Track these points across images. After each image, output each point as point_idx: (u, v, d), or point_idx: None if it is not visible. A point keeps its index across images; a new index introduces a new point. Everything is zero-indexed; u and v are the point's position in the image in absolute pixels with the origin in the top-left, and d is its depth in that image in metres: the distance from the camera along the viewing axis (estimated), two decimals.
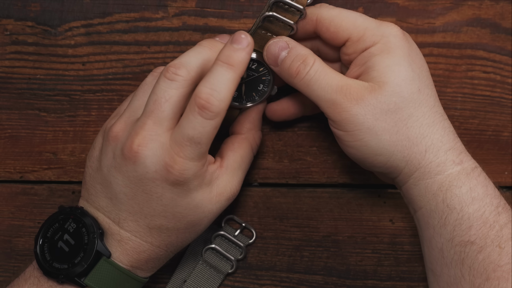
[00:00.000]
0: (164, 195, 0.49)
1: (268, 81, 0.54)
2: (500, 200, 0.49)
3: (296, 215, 0.60)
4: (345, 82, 0.49)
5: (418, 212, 0.51)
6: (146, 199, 0.49)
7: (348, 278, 0.61)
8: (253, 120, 0.56)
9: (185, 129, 0.47)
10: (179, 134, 0.48)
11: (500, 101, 0.59)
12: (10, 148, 0.60)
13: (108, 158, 0.50)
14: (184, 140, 0.48)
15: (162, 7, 0.58)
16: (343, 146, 0.51)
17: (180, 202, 0.50)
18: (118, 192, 0.50)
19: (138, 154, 0.48)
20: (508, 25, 0.58)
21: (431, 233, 0.50)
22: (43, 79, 0.59)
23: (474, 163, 0.50)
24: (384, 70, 0.49)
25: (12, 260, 0.61)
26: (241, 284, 0.60)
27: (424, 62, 0.51)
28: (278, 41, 0.51)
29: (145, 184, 0.49)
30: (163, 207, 0.50)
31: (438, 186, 0.49)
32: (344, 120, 0.49)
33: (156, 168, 0.48)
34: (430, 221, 0.50)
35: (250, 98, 0.55)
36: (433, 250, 0.50)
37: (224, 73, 0.48)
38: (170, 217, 0.50)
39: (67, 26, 0.59)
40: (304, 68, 0.50)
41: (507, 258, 0.47)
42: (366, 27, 0.50)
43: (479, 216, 0.48)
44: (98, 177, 0.51)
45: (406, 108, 0.49)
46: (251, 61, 0.53)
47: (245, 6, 0.58)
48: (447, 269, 0.49)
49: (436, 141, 0.49)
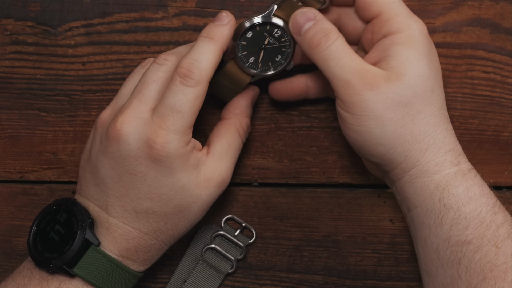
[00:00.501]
0: (148, 174, 0.49)
1: (287, 54, 0.54)
2: (496, 200, 0.49)
3: (296, 215, 0.60)
4: (363, 66, 0.49)
5: (412, 211, 0.51)
6: (131, 180, 0.49)
7: (348, 278, 0.61)
8: (240, 106, 0.56)
9: (167, 99, 0.49)
10: (161, 106, 0.49)
11: (500, 101, 0.59)
12: (10, 148, 0.60)
13: (96, 144, 0.51)
14: (166, 110, 0.49)
15: (162, 7, 0.58)
16: (345, 128, 0.51)
17: (164, 182, 0.49)
18: (104, 176, 0.50)
19: (121, 131, 0.49)
20: (508, 25, 0.58)
21: (427, 233, 0.50)
22: (43, 79, 0.59)
23: (470, 165, 0.50)
24: (404, 61, 0.49)
25: (12, 260, 0.61)
26: (241, 284, 0.60)
27: (439, 64, 0.51)
28: (307, 11, 0.51)
29: (129, 164, 0.49)
30: (147, 187, 0.49)
31: (435, 185, 0.49)
32: (354, 102, 0.49)
33: (139, 145, 0.49)
34: (426, 221, 0.50)
35: (265, 68, 0.54)
36: (428, 251, 0.50)
37: (205, 45, 0.50)
38: (156, 199, 0.50)
39: (67, 26, 0.59)
40: (326, 42, 0.49)
41: (504, 258, 0.47)
42: (398, 12, 0.50)
43: (475, 216, 0.48)
44: (88, 166, 0.51)
45: (416, 104, 0.49)
46: (275, 27, 0.53)
47: (245, 6, 0.58)
48: (443, 269, 0.49)
49: (438, 141, 0.49)
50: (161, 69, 0.51)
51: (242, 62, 0.54)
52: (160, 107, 0.49)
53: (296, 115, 0.60)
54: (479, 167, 0.60)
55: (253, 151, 0.60)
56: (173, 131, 0.49)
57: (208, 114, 0.60)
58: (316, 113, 0.60)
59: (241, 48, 0.53)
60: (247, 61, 0.54)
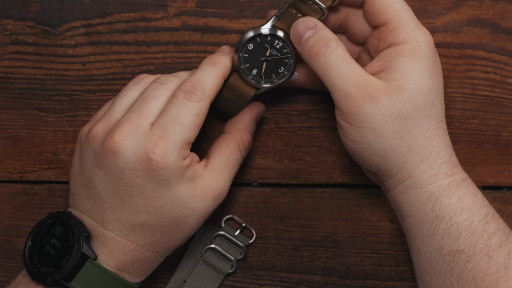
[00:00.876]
0: (145, 187, 0.49)
1: (290, 65, 0.54)
2: (489, 209, 0.49)
3: (296, 215, 0.60)
4: (364, 77, 0.49)
5: (406, 220, 0.51)
6: (128, 193, 0.49)
7: (348, 278, 0.60)
8: (243, 121, 0.56)
9: (169, 111, 0.49)
10: (162, 118, 0.49)
11: (500, 101, 0.59)
12: (10, 148, 0.60)
13: (89, 158, 0.50)
14: (168, 121, 0.49)
15: (162, 7, 0.58)
16: (343, 138, 0.51)
17: (161, 194, 0.49)
18: (100, 190, 0.50)
19: (119, 144, 0.48)
20: (508, 25, 0.58)
21: (419, 242, 0.50)
22: (43, 79, 0.59)
23: (465, 174, 0.50)
24: (406, 75, 0.49)
25: (12, 260, 0.61)
26: (241, 284, 0.60)
27: (442, 78, 0.51)
28: (307, 20, 0.51)
29: (126, 177, 0.49)
30: (144, 200, 0.49)
31: (428, 196, 0.49)
32: (353, 114, 0.49)
33: (137, 158, 0.48)
34: (419, 230, 0.50)
35: (269, 79, 0.54)
36: (421, 260, 0.50)
37: (208, 69, 0.52)
38: (152, 212, 0.50)
39: (67, 26, 0.59)
40: (326, 51, 0.49)
41: (495, 267, 0.47)
42: (406, 23, 0.50)
43: (467, 226, 0.48)
44: (81, 180, 0.51)
45: (415, 117, 0.49)
46: (276, 38, 0.53)
47: (245, 6, 0.58)
48: (436, 278, 0.49)
49: (434, 153, 0.49)
50: (163, 87, 0.51)
51: (245, 74, 0.54)
52: (161, 119, 0.49)
53: (296, 115, 0.60)
54: (479, 167, 0.60)
55: (253, 151, 0.60)
56: (173, 142, 0.49)
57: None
58: (316, 113, 0.60)
59: (243, 60, 0.53)
60: (250, 73, 0.54)
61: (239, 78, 0.55)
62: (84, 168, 0.51)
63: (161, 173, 0.49)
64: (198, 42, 0.59)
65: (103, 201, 0.50)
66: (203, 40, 0.59)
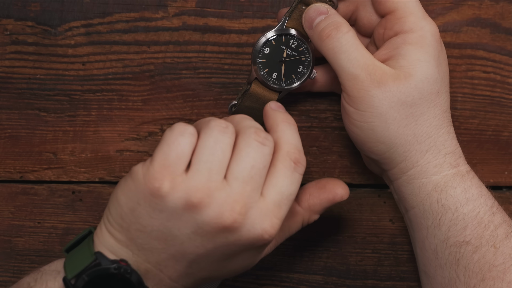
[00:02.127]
0: (239, 258, 0.47)
1: (308, 62, 0.54)
2: (494, 201, 0.49)
3: None
4: (373, 62, 0.49)
5: (410, 211, 0.51)
6: (223, 262, 0.47)
7: (348, 278, 0.60)
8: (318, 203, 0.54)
9: (284, 188, 0.45)
10: (278, 195, 0.45)
11: (500, 101, 0.59)
12: (10, 148, 0.60)
13: (182, 222, 0.45)
14: (283, 199, 0.45)
15: (162, 7, 0.58)
16: (348, 123, 0.51)
17: (245, 263, 0.48)
18: (189, 252, 0.46)
19: (237, 224, 0.44)
20: (508, 25, 0.58)
21: (424, 234, 0.50)
22: (43, 79, 0.59)
23: (469, 167, 0.51)
24: (414, 62, 0.49)
25: (12, 260, 0.61)
26: (241, 284, 0.60)
27: (447, 68, 0.51)
28: (319, 6, 0.51)
29: (230, 250, 0.46)
30: (231, 270, 0.48)
31: (433, 187, 0.49)
32: (360, 97, 0.49)
33: (250, 236, 0.45)
34: (424, 222, 0.50)
35: (290, 81, 0.54)
36: (426, 252, 0.50)
37: (292, 130, 0.48)
38: (220, 274, 0.48)
39: (67, 26, 0.59)
40: (336, 34, 0.49)
41: (502, 258, 0.47)
42: (413, 12, 0.50)
43: (474, 216, 0.48)
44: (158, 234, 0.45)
45: (421, 105, 0.49)
46: (290, 38, 0.53)
47: (245, 6, 0.58)
48: (441, 270, 0.49)
49: (439, 143, 0.49)
50: (266, 151, 0.45)
51: (266, 79, 0.54)
52: (276, 196, 0.45)
53: (296, 115, 0.60)
54: (479, 167, 0.60)
55: None
56: (281, 219, 0.46)
57: None
58: (316, 113, 0.60)
59: (261, 66, 0.53)
60: (270, 78, 0.54)
61: (260, 85, 0.54)
62: (172, 226, 0.45)
63: (264, 246, 0.47)
64: (198, 42, 0.59)
65: (197, 269, 0.47)
66: (203, 40, 0.59)
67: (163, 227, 0.45)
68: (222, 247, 0.45)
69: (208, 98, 0.59)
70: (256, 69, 0.53)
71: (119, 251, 0.46)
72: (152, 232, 0.45)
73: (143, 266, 0.46)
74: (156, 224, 0.45)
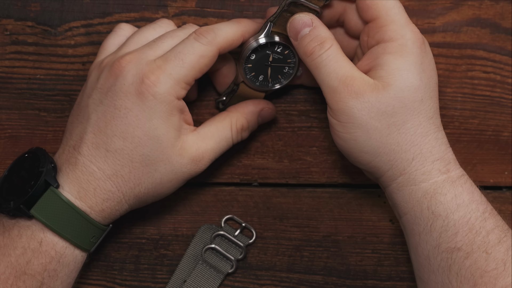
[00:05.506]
0: (130, 112, 0.50)
1: (294, 63, 0.55)
2: (487, 206, 0.49)
3: (296, 215, 0.60)
4: (351, 73, 0.49)
5: (403, 217, 0.51)
6: (114, 115, 0.50)
7: (348, 278, 0.61)
8: (245, 107, 0.56)
9: (176, 47, 0.51)
10: (167, 52, 0.51)
11: (500, 101, 0.59)
12: (10, 148, 0.60)
13: (92, 84, 0.52)
14: (170, 55, 0.50)
15: (162, 7, 0.58)
16: (333, 135, 0.51)
17: (143, 123, 0.50)
18: (91, 112, 0.51)
19: (124, 68, 0.50)
20: (508, 25, 0.59)
21: (417, 239, 0.50)
22: (43, 79, 0.59)
23: (462, 171, 0.50)
24: (392, 72, 0.49)
25: None
26: (241, 284, 0.60)
27: (435, 73, 0.51)
28: (304, 17, 0.51)
29: (118, 98, 0.50)
30: (125, 126, 0.50)
31: (423, 193, 0.49)
32: (339, 109, 0.49)
33: (133, 80, 0.50)
34: (415, 228, 0.50)
35: (276, 81, 0.56)
36: (419, 257, 0.50)
37: (230, 23, 0.53)
38: (128, 140, 0.50)
39: (67, 26, 0.59)
40: (319, 50, 0.50)
41: (494, 264, 0.47)
42: (394, 20, 0.50)
43: (464, 223, 0.48)
44: (77, 110, 0.53)
45: (403, 114, 0.49)
46: (276, 44, 0.54)
47: (245, 6, 0.58)
48: (434, 276, 0.49)
49: (426, 151, 0.49)
50: (183, 31, 0.53)
51: (253, 82, 0.55)
52: (166, 53, 0.51)
53: (296, 115, 0.60)
54: (479, 167, 0.60)
55: (253, 151, 0.60)
56: (169, 75, 0.50)
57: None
58: (316, 113, 0.60)
59: (248, 70, 0.55)
60: (257, 81, 0.55)
61: (247, 86, 0.56)
62: (84, 96, 0.52)
63: (149, 99, 0.50)
64: None
65: (89, 123, 0.51)
66: None
67: (82, 98, 0.53)
68: (113, 97, 0.50)
69: (208, 98, 0.59)
70: (242, 73, 0.55)
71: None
72: (75, 110, 0.53)
73: (63, 152, 0.52)
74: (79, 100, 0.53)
